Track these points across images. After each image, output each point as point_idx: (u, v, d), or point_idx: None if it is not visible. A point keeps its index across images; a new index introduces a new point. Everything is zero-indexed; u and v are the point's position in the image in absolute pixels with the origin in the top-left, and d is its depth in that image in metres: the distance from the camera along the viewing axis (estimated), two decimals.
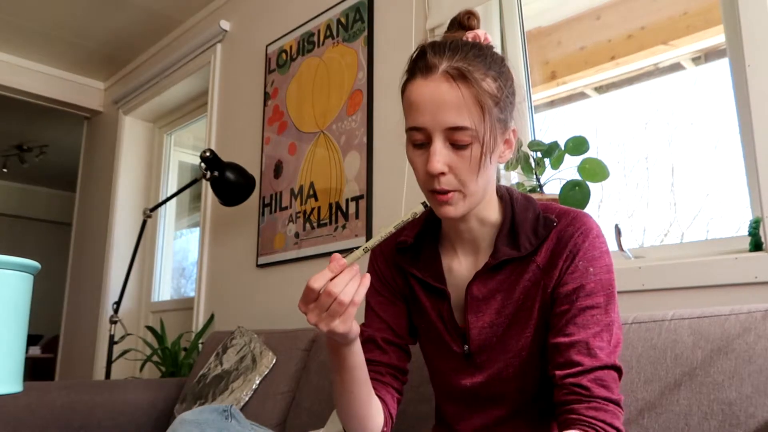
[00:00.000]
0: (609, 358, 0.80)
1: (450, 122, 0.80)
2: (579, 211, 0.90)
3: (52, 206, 6.64)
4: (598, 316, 0.82)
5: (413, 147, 0.85)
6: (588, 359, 0.79)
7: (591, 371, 0.79)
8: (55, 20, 3.17)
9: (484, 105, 0.80)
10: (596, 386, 0.78)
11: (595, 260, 0.84)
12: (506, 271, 0.90)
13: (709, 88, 1.51)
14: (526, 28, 1.84)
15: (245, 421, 0.94)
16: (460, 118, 0.80)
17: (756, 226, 1.19)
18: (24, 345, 1.05)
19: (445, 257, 0.97)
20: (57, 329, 3.93)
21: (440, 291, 0.95)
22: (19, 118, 4.66)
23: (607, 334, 0.81)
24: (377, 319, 1.00)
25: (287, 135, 2.37)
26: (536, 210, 0.91)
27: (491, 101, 0.82)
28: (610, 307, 0.83)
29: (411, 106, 0.83)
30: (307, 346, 1.75)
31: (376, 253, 1.05)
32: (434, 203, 0.86)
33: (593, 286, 0.83)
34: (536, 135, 1.76)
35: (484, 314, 0.91)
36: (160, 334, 2.66)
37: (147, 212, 2.47)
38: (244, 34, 2.76)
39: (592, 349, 0.80)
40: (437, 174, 0.82)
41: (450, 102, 0.80)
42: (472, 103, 0.80)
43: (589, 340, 0.80)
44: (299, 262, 2.21)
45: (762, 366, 0.90)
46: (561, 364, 0.81)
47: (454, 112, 0.80)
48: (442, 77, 0.81)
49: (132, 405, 1.97)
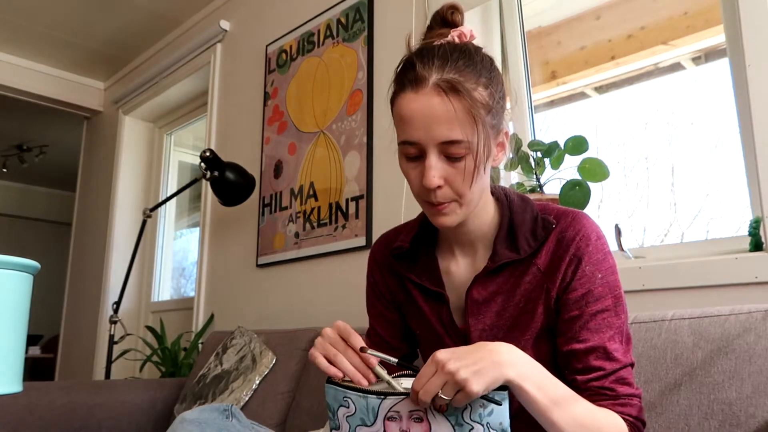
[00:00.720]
0: (625, 357, 0.83)
1: (443, 137, 0.79)
2: (577, 211, 0.90)
3: (52, 206, 6.64)
4: (609, 319, 0.83)
5: (406, 160, 0.84)
6: (608, 363, 0.82)
7: (612, 373, 0.82)
8: (55, 20, 3.17)
9: (476, 116, 0.79)
10: (620, 385, 0.82)
11: (600, 263, 0.85)
12: (506, 274, 0.89)
13: (709, 88, 1.51)
14: (526, 27, 1.84)
15: (246, 420, 0.94)
16: (453, 132, 0.78)
17: (756, 226, 1.19)
18: (24, 345, 1.05)
19: (442, 260, 0.97)
20: (57, 329, 3.93)
21: (439, 295, 0.95)
22: (19, 118, 4.66)
23: (619, 335, 0.83)
24: (374, 333, 1.05)
25: (287, 135, 2.37)
26: (534, 211, 0.91)
27: (483, 111, 0.80)
28: (620, 308, 0.85)
29: (402, 120, 0.81)
30: (307, 346, 1.75)
31: (373, 262, 1.07)
32: (431, 214, 0.86)
33: (601, 290, 0.84)
34: (536, 135, 1.76)
35: (485, 317, 0.90)
36: (160, 334, 2.66)
37: (147, 212, 2.47)
38: (244, 34, 2.76)
39: (610, 353, 0.82)
40: (433, 188, 0.81)
41: (442, 116, 0.78)
42: (465, 116, 0.78)
43: (605, 344, 0.82)
44: (299, 262, 2.21)
45: (762, 366, 0.90)
46: (581, 369, 0.83)
47: (447, 126, 0.78)
48: (433, 90, 0.78)
49: (132, 405, 1.97)
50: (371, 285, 1.06)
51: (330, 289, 2.07)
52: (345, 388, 0.77)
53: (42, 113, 4.31)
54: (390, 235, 1.05)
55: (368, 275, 1.07)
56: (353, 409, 0.76)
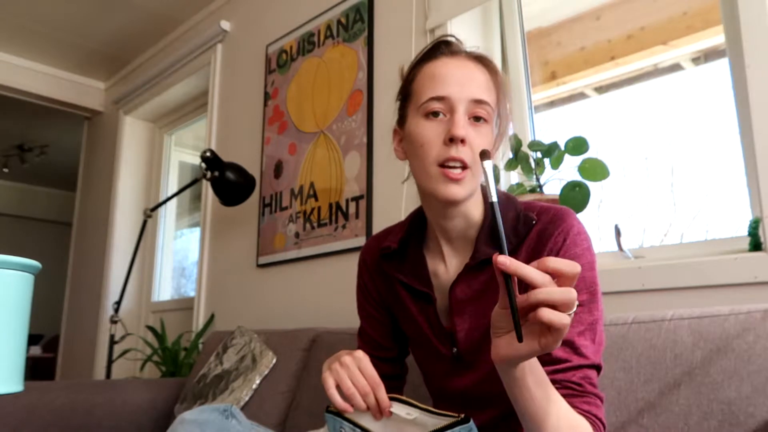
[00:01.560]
0: (594, 357, 0.81)
1: (476, 95, 0.85)
2: (561, 207, 0.89)
3: (53, 206, 6.64)
4: (581, 314, 0.81)
5: (425, 119, 0.87)
6: (575, 357, 0.80)
7: (579, 368, 0.80)
8: (56, 20, 3.17)
9: (501, 91, 0.89)
10: (586, 383, 0.80)
11: (576, 258, 0.83)
12: (488, 271, 0.89)
13: (709, 88, 1.51)
14: (526, 28, 1.84)
15: (246, 420, 0.94)
16: (485, 94, 0.86)
17: (755, 226, 1.19)
18: (24, 345, 1.05)
19: (430, 260, 0.97)
20: (57, 329, 3.93)
21: (426, 295, 0.95)
22: (20, 118, 4.66)
23: (590, 332, 0.81)
24: (365, 333, 1.08)
25: (287, 135, 2.37)
26: (517, 209, 0.91)
27: (503, 93, 0.90)
28: (594, 305, 0.82)
29: (435, 77, 0.87)
30: (307, 346, 1.75)
31: (362, 263, 1.08)
32: (443, 182, 0.85)
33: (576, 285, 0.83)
34: (536, 135, 1.76)
35: (470, 315, 0.90)
36: (161, 334, 2.67)
37: (147, 212, 2.48)
38: (244, 34, 2.76)
39: (578, 348, 0.80)
40: (459, 139, 0.83)
41: (477, 78, 0.86)
42: (493, 86, 0.88)
43: (573, 338, 0.80)
44: (299, 262, 2.22)
45: (761, 366, 0.90)
46: (546, 361, 0.80)
47: (480, 87, 0.86)
48: (468, 58, 0.89)
49: (132, 405, 1.98)
50: (360, 287, 1.08)
51: (330, 289, 2.07)
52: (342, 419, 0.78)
53: (42, 113, 4.31)
54: (380, 237, 1.06)
55: (358, 277, 1.08)
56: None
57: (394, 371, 1.07)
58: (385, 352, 1.06)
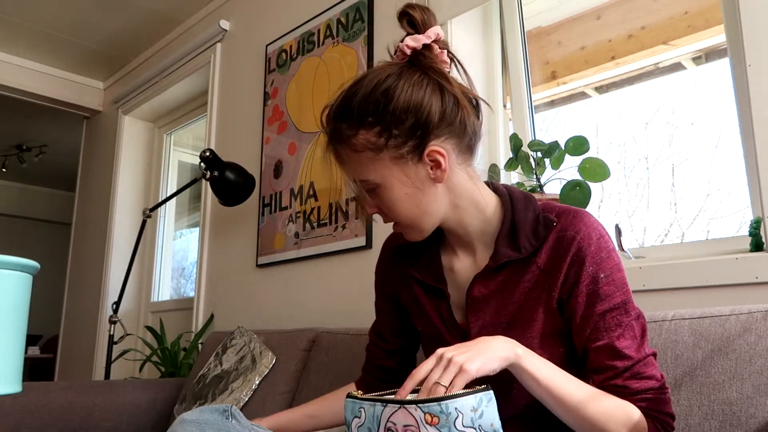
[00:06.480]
0: (638, 353, 0.82)
1: (349, 177, 0.92)
2: (579, 209, 0.90)
3: (52, 206, 6.64)
4: (618, 317, 0.83)
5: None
6: (619, 361, 0.82)
7: (625, 371, 0.82)
8: (55, 20, 3.17)
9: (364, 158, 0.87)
10: (634, 381, 0.82)
11: (603, 263, 0.84)
12: (507, 272, 0.90)
13: (710, 87, 1.51)
14: (527, 28, 1.84)
15: (245, 421, 0.94)
16: (352, 173, 0.90)
17: (757, 226, 1.19)
18: (23, 345, 1.05)
19: (445, 257, 0.98)
20: (56, 329, 3.93)
21: (439, 291, 0.96)
22: (19, 117, 4.66)
23: (630, 331, 0.83)
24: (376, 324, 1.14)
25: (287, 135, 2.37)
26: (536, 209, 0.91)
27: (371, 151, 0.86)
28: (629, 304, 0.85)
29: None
30: (307, 346, 1.75)
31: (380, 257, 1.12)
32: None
33: (608, 289, 0.84)
34: (536, 135, 1.76)
35: (485, 313, 0.91)
36: (160, 334, 2.66)
37: (147, 212, 2.47)
38: (244, 33, 2.76)
39: (620, 351, 0.82)
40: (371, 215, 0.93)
41: (342, 163, 0.91)
42: (355, 157, 0.88)
43: (614, 343, 0.82)
44: (299, 262, 2.21)
45: (762, 366, 0.90)
46: (595, 369, 0.84)
47: (346, 168, 0.91)
48: (330, 144, 0.92)
49: (132, 405, 1.97)
50: (376, 279, 1.13)
51: (330, 290, 2.07)
52: (361, 400, 0.79)
53: (42, 113, 4.31)
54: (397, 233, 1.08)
55: (375, 269, 1.13)
56: (363, 419, 0.78)
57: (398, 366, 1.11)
58: (384, 344, 1.11)
